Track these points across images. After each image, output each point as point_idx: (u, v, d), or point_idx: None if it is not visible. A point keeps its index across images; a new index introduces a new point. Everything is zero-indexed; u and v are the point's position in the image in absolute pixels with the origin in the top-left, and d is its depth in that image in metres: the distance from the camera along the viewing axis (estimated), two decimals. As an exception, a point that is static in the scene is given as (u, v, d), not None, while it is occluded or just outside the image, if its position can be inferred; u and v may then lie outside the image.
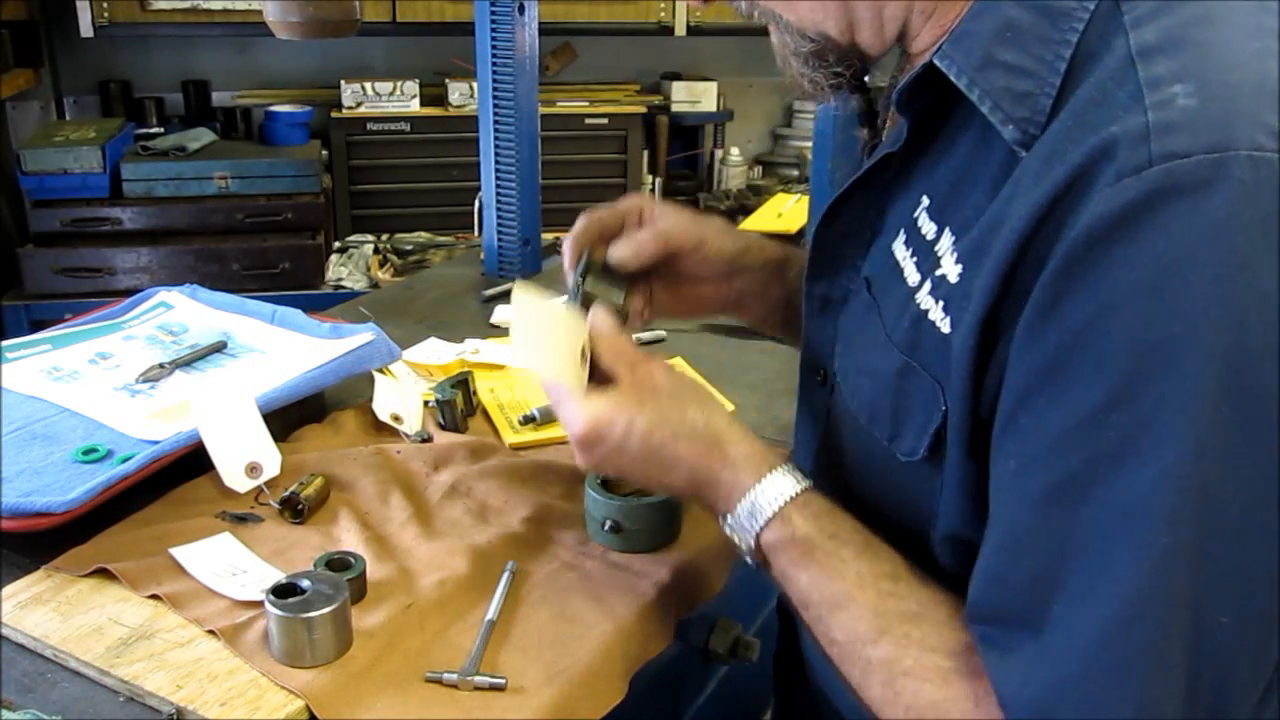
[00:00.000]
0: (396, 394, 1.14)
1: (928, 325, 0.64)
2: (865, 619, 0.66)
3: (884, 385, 0.69)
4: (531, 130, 1.61)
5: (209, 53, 2.95)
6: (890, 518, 0.72)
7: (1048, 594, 0.55)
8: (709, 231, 0.91)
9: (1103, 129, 0.53)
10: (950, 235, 0.64)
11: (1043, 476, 0.55)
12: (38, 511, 0.86)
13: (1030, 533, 0.56)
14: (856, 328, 0.75)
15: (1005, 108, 0.59)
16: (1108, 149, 0.53)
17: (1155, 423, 0.51)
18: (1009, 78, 0.59)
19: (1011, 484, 0.58)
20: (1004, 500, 0.59)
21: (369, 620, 0.80)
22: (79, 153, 2.37)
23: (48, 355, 1.16)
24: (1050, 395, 0.55)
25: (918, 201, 0.68)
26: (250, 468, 0.96)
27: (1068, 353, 0.54)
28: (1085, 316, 0.53)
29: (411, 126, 2.83)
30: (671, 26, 2.98)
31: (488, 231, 1.68)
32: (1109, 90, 0.55)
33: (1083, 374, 0.53)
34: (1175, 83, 0.53)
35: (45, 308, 2.36)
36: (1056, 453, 0.55)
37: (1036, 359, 0.55)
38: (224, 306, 1.28)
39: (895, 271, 0.69)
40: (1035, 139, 0.58)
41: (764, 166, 3.40)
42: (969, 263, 0.61)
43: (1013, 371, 0.57)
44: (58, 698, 0.73)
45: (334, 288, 2.50)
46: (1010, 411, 0.57)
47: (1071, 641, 0.54)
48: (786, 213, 2.67)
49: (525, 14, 1.54)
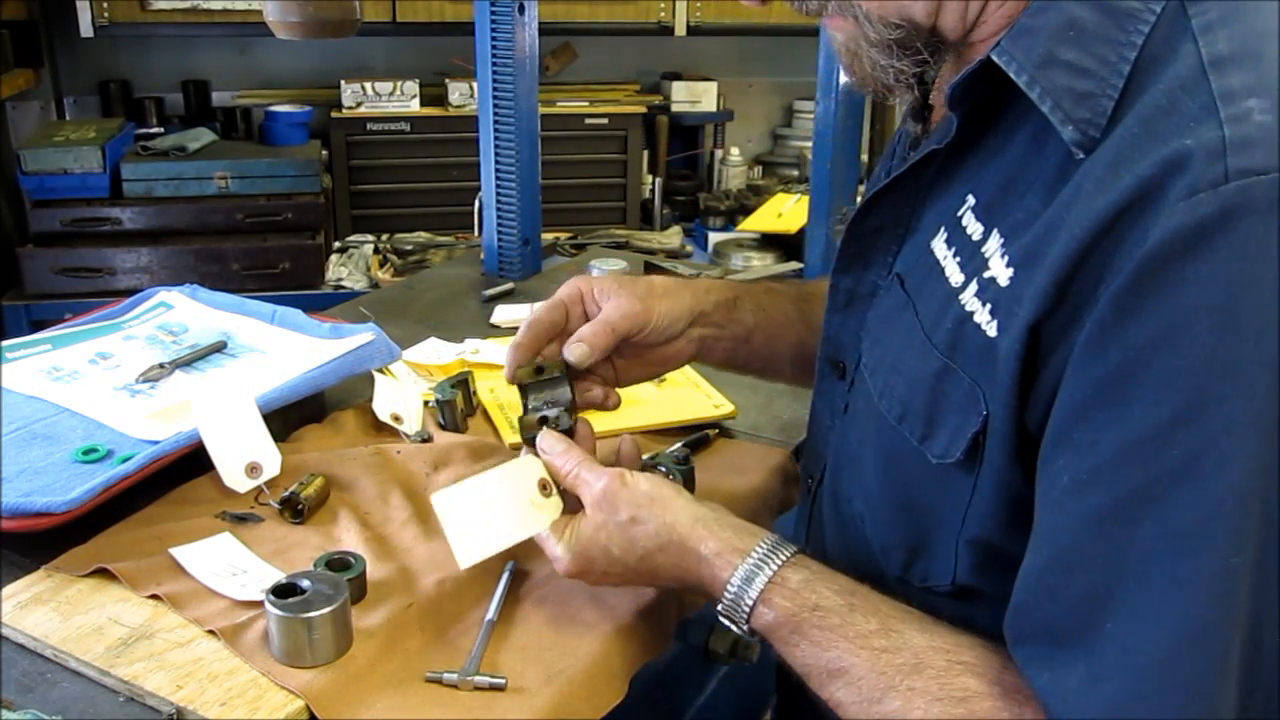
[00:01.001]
0: (396, 394, 1.14)
1: (972, 328, 0.64)
2: (866, 680, 0.65)
3: (920, 385, 0.68)
4: (531, 130, 1.61)
5: (209, 53, 2.95)
6: (910, 516, 0.71)
7: (1102, 611, 0.55)
8: (654, 304, 0.90)
9: (1174, 140, 0.53)
10: (999, 237, 0.63)
11: (1101, 493, 0.55)
12: (38, 511, 0.86)
13: (1085, 549, 0.56)
14: (886, 324, 0.74)
15: (1065, 107, 0.58)
16: (1181, 162, 0.52)
17: (1221, 442, 0.51)
18: (1070, 77, 0.59)
19: (1065, 499, 0.57)
20: (1055, 515, 0.58)
21: (369, 620, 0.80)
22: (79, 153, 2.37)
23: (48, 355, 1.16)
24: (1112, 411, 0.54)
25: (962, 200, 0.68)
26: (250, 468, 0.96)
27: (1132, 369, 0.53)
28: (1153, 333, 0.52)
29: (411, 126, 2.83)
30: (671, 26, 2.98)
31: (488, 231, 1.68)
32: (1179, 100, 0.54)
33: (1148, 391, 0.53)
34: (1250, 97, 0.52)
35: (45, 308, 2.35)
36: (1117, 469, 0.54)
37: (1098, 373, 0.54)
38: (224, 306, 1.28)
39: (935, 270, 0.69)
40: (1095, 141, 0.57)
41: (764, 166, 3.40)
42: (1021, 267, 0.60)
43: (1070, 385, 0.56)
44: (58, 698, 0.73)
45: (334, 288, 2.50)
46: (1065, 425, 0.57)
47: (1130, 659, 0.54)
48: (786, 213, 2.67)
49: (525, 14, 1.54)
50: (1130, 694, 0.54)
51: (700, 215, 2.99)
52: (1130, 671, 0.53)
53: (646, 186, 3.07)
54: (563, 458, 0.81)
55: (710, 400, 1.18)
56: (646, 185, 3.07)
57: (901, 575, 0.74)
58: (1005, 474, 0.63)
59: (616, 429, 1.13)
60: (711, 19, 3.00)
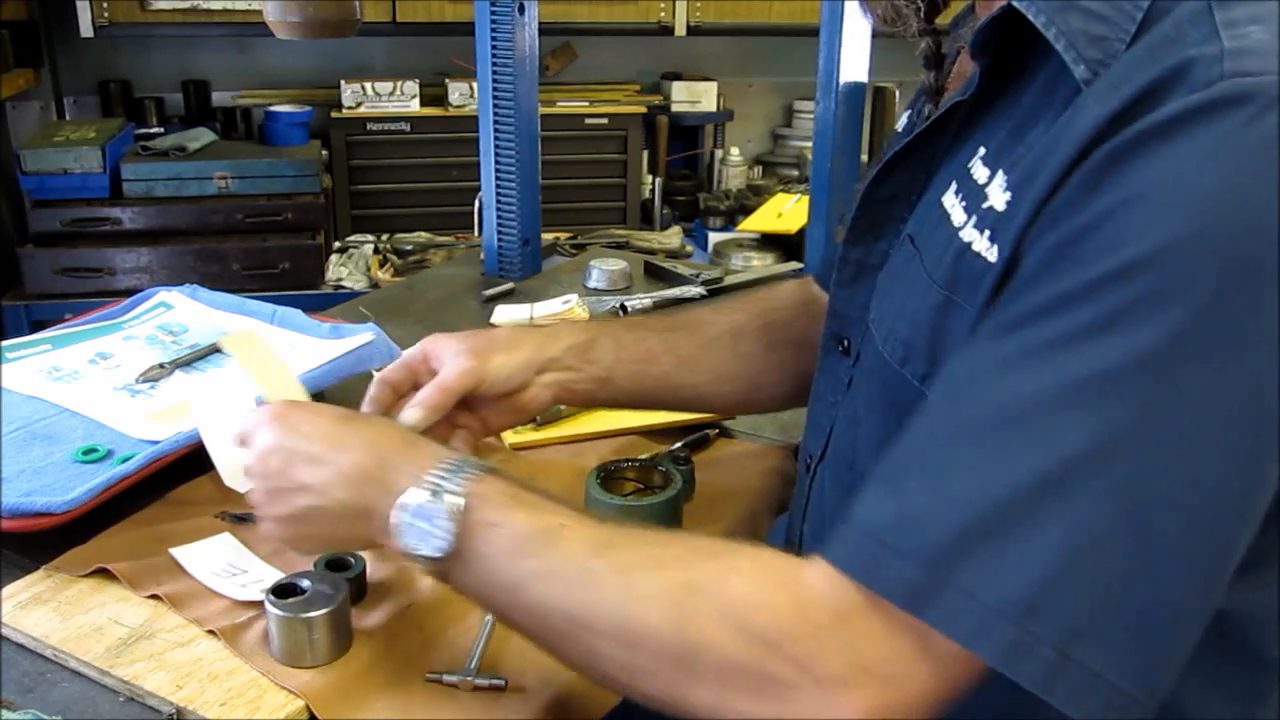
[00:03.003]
0: (396, 394, 1.14)
1: (971, 256, 0.64)
2: (587, 540, 0.64)
3: (922, 322, 0.68)
4: (531, 130, 1.61)
5: (209, 53, 2.95)
6: None
7: (962, 447, 0.54)
8: (490, 358, 0.90)
9: (1175, 53, 0.54)
10: (1003, 175, 0.64)
11: (1012, 341, 0.55)
12: (38, 511, 0.86)
13: (971, 386, 0.56)
14: (894, 279, 0.75)
15: (1079, 47, 0.60)
16: (1182, 70, 0.54)
17: (1144, 309, 0.51)
18: (1086, 21, 0.60)
19: (977, 343, 0.57)
20: (957, 356, 0.58)
21: (369, 620, 0.80)
22: (79, 153, 2.37)
23: (48, 355, 1.16)
24: (1055, 271, 0.54)
25: (974, 153, 0.68)
26: None
27: (1088, 230, 0.53)
28: (1112, 201, 0.53)
29: (411, 126, 2.83)
30: (671, 26, 2.98)
31: (488, 231, 1.68)
32: (1184, 30, 0.56)
33: (1096, 249, 0.53)
34: (1252, 24, 0.55)
35: (45, 308, 2.35)
36: (1035, 321, 0.54)
37: (1055, 238, 0.55)
38: (224, 306, 1.28)
39: (943, 219, 0.69)
40: None
41: (764, 166, 3.40)
42: (1018, 189, 0.61)
43: (1026, 256, 0.57)
44: (58, 698, 0.73)
45: (334, 288, 2.50)
46: (1012, 289, 0.57)
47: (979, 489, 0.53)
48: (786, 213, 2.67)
49: (525, 14, 1.54)
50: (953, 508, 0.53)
51: (700, 215, 2.99)
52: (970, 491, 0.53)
53: (646, 186, 3.07)
54: None
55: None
56: (646, 185, 3.07)
57: None
58: None
59: (617, 429, 1.13)
60: (711, 19, 3.00)
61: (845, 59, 1.37)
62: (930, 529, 0.54)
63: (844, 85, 1.38)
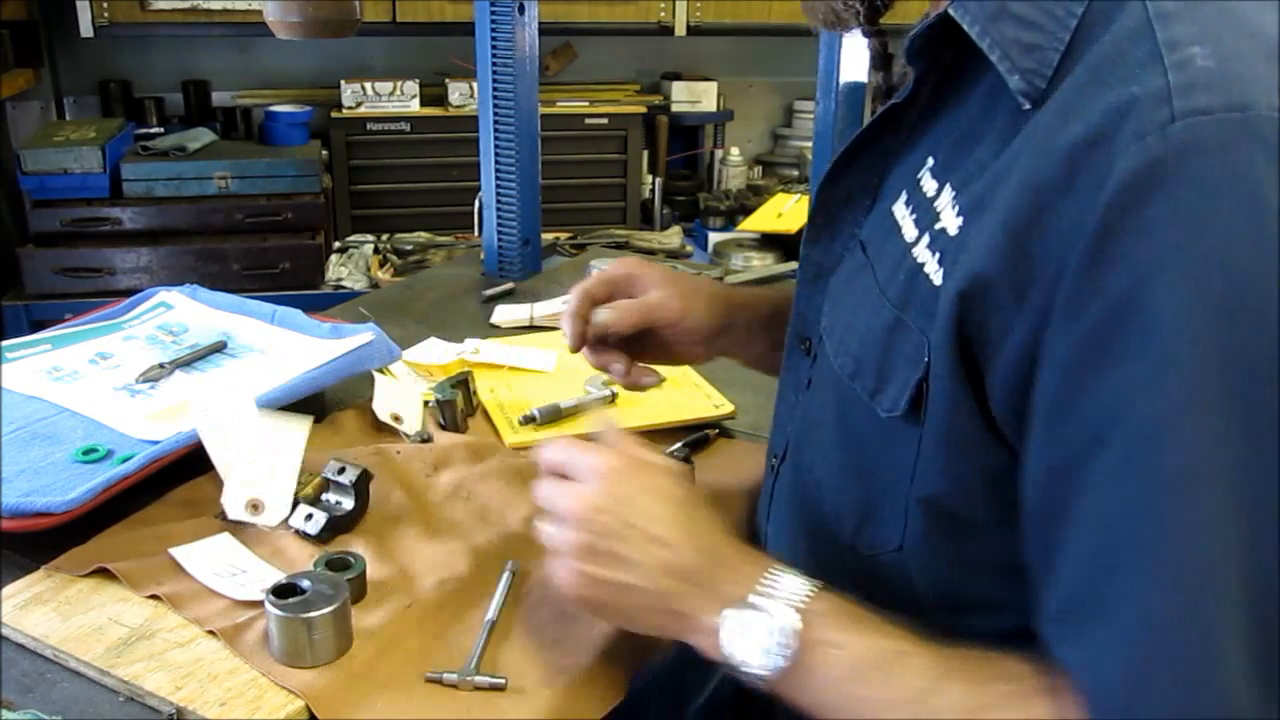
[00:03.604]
0: (396, 394, 1.14)
1: (922, 279, 0.64)
2: (927, 667, 0.62)
3: (872, 339, 0.68)
4: (531, 130, 1.61)
5: (209, 53, 2.95)
6: (861, 478, 0.71)
7: (1109, 574, 0.54)
8: (692, 307, 0.95)
9: (1120, 87, 0.53)
10: (950, 190, 0.63)
11: (1109, 452, 0.54)
12: (38, 511, 0.86)
13: (1094, 511, 0.55)
14: (845, 287, 0.75)
15: (1013, 57, 0.59)
16: (1127, 108, 0.53)
17: (1200, 386, 0.51)
18: (1019, 29, 0.60)
19: (1076, 465, 0.55)
20: (1066, 482, 0.56)
21: (369, 620, 0.80)
22: (79, 153, 2.37)
23: (48, 355, 1.16)
24: (1103, 369, 0.53)
25: (923, 162, 0.68)
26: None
27: (1115, 320, 0.52)
28: (1128, 282, 0.52)
29: (411, 126, 2.83)
30: (671, 26, 2.98)
31: (488, 231, 1.68)
32: (1125, 49, 0.55)
33: (1132, 339, 0.52)
34: (1194, 44, 0.53)
35: (45, 308, 2.35)
36: (1116, 425, 0.53)
37: (1081, 331, 0.54)
38: (224, 306, 1.28)
39: (893, 230, 0.69)
40: (1042, 92, 0.58)
41: (764, 166, 3.40)
42: (969, 215, 0.61)
43: (1057, 350, 0.55)
44: (58, 698, 0.73)
45: (334, 288, 2.50)
46: (1060, 392, 0.55)
47: (1142, 620, 0.53)
48: (786, 212, 2.68)
49: (525, 14, 1.54)
50: (1145, 652, 0.53)
51: (700, 215, 2.99)
52: (1143, 630, 0.53)
53: (646, 186, 3.07)
54: None
55: (710, 400, 1.18)
56: (646, 185, 3.07)
57: (851, 542, 0.73)
58: (948, 427, 0.62)
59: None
60: (711, 19, 3.00)
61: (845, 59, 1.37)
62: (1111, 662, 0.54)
63: (844, 85, 1.38)
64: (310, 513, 0.90)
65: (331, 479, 0.92)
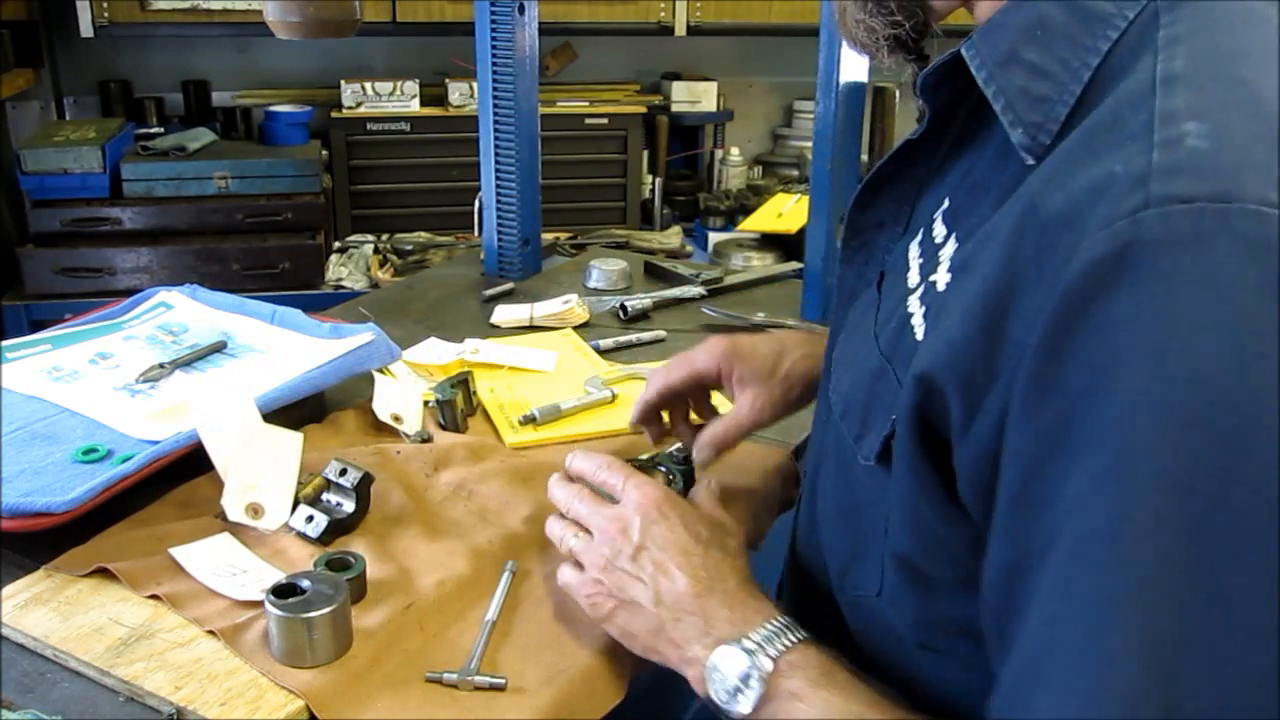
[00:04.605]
0: (396, 394, 1.14)
1: (908, 330, 0.62)
2: None
3: (860, 384, 0.67)
4: (531, 130, 1.61)
5: (209, 53, 2.95)
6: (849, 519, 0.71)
7: (1037, 687, 0.50)
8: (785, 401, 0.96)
9: (1105, 161, 0.49)
10: (955, 242, 0.61)
11: (1050, 556, 0.50)
12: (38, 511, 0.86)
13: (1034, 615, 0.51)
14: (855, 323, 0.74)
15: (1018, 109, 0.56)
16: (1104, 186, 0.48)
17: (1146, 498, 0.46)
18: (1028, 78, 0.56)
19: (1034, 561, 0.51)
20: (1024, 579, 0.52)
21: (369, 620, 0.80)
22: (79, 153, 2.37)
23: (48, 355, 1.16)
24: (1061, 465, 0.49)
25: (941, 202, 0.66)
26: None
27: (1072, 417, 0.48)
28: (1087, 378, 0.47)
29: (411, 126, 2.82)
30: (671, 26, 2.98)
31: (488, 231, 1.68)
32: (1123, 115, 0.51)
33: (1090, 439, 0.47)
34: (1190, 120, 0.48)
35: (45, 308, 2.35)
36: (1061, 530, 0.49)
37: (1043, 424, 0.50)
38: (224, 306, 1.28)
39: (903, 269, 0.67)
40: (1046, 148, 0.55)
41: (764, 166, 3.40)
42: (956, 274, 0.58)
43: (1016, 439, 0.51)
44: (58, 698, 0.73)
45: (334, 288, 2.50)
46: (1020, 484, 0.51)
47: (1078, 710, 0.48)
48: (786, 213, 2.68)
49: (525, 14, 1.54)
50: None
51: (700, 215, 2.99)
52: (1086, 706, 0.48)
53: (646, 186, 3.07)
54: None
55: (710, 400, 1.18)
56: (646, 185, 3.07)
57: (839, 582, 0.73)
58: (908, 490, 0.60)
59: (617, 430, 1.13)
60: (711, 19, 3.00)
61: (845, 59, 1.36)
62: None
63: (844, 85, 1.38)
64: (311, 514, 0.90)
65: (333, 480, 0.92)
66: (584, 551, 0.80)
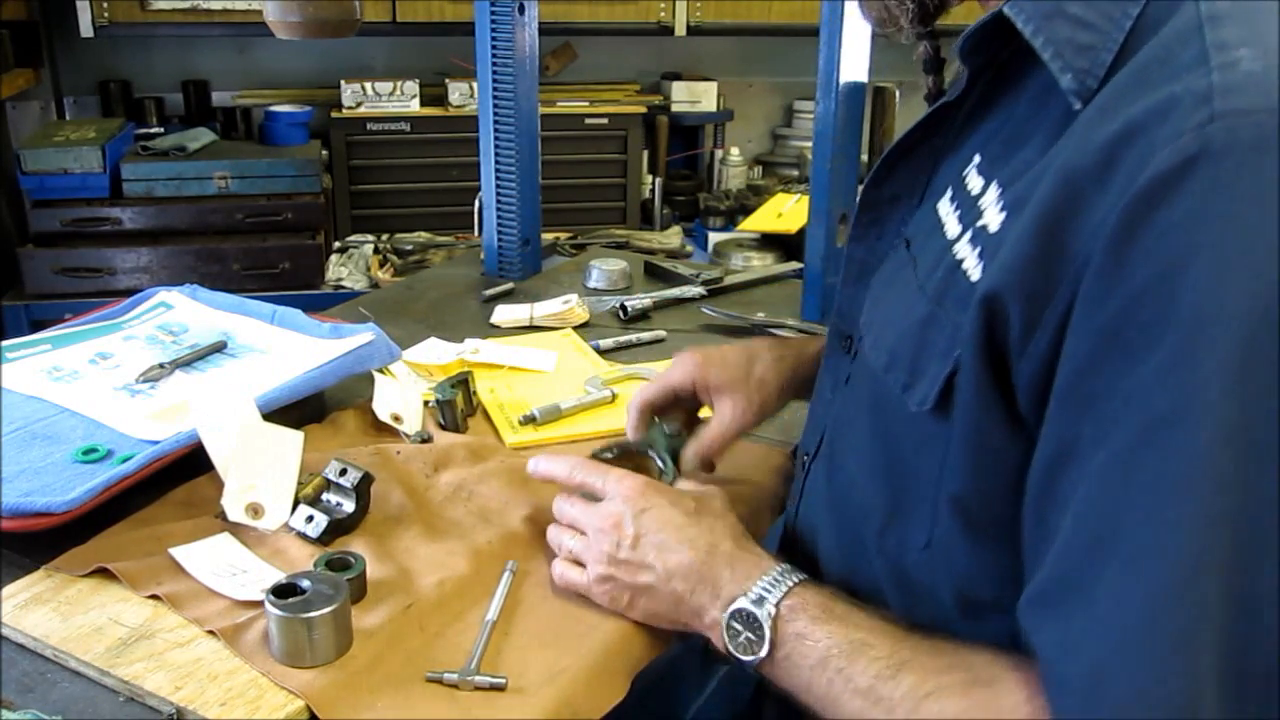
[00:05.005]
0: (396, 394, 1.14)
1: (960, 274, 0.65)
2: (886, 658, 0.68)
3: (908, 334, 0.69)
4: (531, 130, 1.61)
5: (209, 53, 2.95)
6: (891, 474, 0.72)
7: (1102, 562, 0.54)
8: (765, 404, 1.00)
9: (1164, 87, 0.54)
10: (996, 188, 0.64)
11: (1115, 440, 0.54)
12: (38, 511, 0.86)
13: (1091, 499, 0.55)
14: (886, 284, 0.76)
15: (1066, 56, 0.60)
16: (1168, 107, 0.53)
17: (1210, 387, 0.50)
18: (1073, 29, 0.60)
19: (1087, 451, 0.56)
20: (1071, 468, 0.57)
21: (369, 620, 0.80)
22: (79, 153, 2.37)
23: (48, 355, 1.16)
24: (1117, 360, 0.54)
25: (969, 160, 0.69)
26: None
27: (1131, 314, 0.53)
28: (1148, 277, 0.52)
29: (411, 126, 2.83)
30: (671, 26, 2.98)
31: (488, 231, 1.68)
32: (1173, 51, 0.55)
33: (1147, 334, 0.52)
34: (1242, 46, 0.53)
35: (45, 308, 2.35)
36: (1122, 417, 0.54)
37: (1100, 321, 0.54)
38: (224, 306, 1.28)
39: (936, 227, 0.70)
40: (1092, 91, 0.59)
41: (764, 166, 3.40)
42: (1012, 212, 0.61)
43: (1074, 338, 0.56)
44: (58, 698, 0.73)
45: (334, 288, 2.50)
46: (1074, 380, 0.56)
47: (1120, 612, 0.53)
48: (786, 213, 2.67)
49: (525, 14, 1.54)
50: (1114, 648, 0.54)
51: (700, 215, 2.99)
52: (1120, 626, 0.53)
53: (646, 186, 3.07)
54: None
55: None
56: (646, 185, 3.07)
57: (878, 541, 0.74)
58: (976, 423, 0.63)
59: (616, 430, 1.13)
60: (711, 19, 3.00)
61: (845, 59, 1.36)
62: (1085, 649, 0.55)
63: (844, 85, 1.38)
64: (311, 514, 0.90)
65: (333, 480, 0.92)
66: (584, 550, 0.84)
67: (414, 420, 1.11)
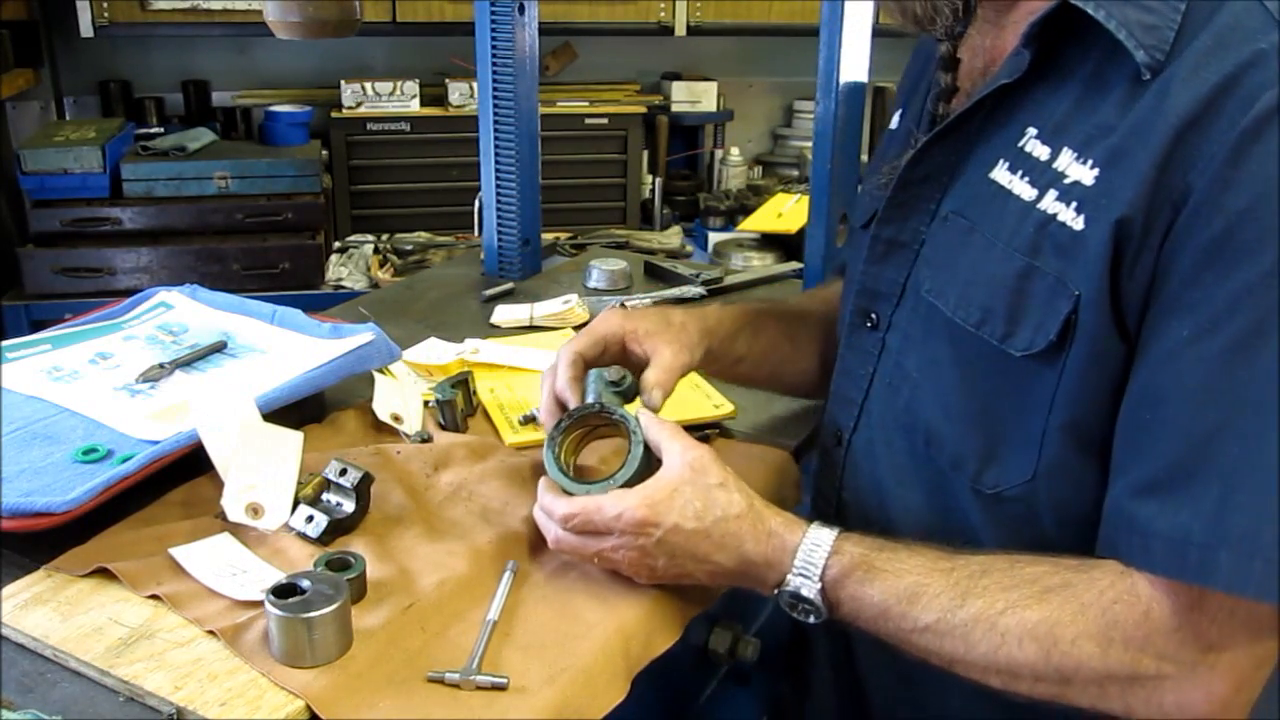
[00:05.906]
0: (396, 394, 1.14)
1: (1056, 227, 0.73)
2: (945, 593, 0.75)
3: (1001, 289, 0.76)
4: (531, 130, 1.61)
5: (209, 53, 2.95)
6: (986, 420, 0.79)
7: (1229, 440, 0.64)
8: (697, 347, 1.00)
9: (1245, 46, 0.66)
10: (1072, 151, 0.74)
11: (1220, 337, 0.64)
12: (38, 511, 0.86)
13: (1209, 388, 0.65)
14: (951, 252, 0.82)
15: (1136, 35, 0.70)
16: (1257, 59, 0.65)
17: None
18: (1138, 12, 0.71)
19: (1184, 350, 0.66)
20: (1175, 366, 0.67)
21: (369, 620, 0.80)
22: (79, 153, 2.37)
23: (48, 355, 1.16)
24: (1219, 269, 0.65)
25: (1021, 133, 0.78)
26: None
27: (1233, 230, 0.64)
28: (1249, 199, 0.64)
29: (411, 126, 2.83)
30: (671, 26, 2.98)
31: (488, 231, 1.68)
32: (1242, 20, 0.68)
33: (1251, 245, 0.63)
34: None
35: (45, 308, 2.35)
36: (1231, 315, 0.64)
37: (1202, 240, 0.65)
38: (224, 306, 1.28)
39: (999, 194, 0.78)
40: (1161, 65, 0.70)
41: (764, 166, 3.40)
42: (1108, 166, 0.71)
43: (1177, 258, 0.67)
44: (58, 698, 0.73)
45: (334, 288, 2.50)
46: (1176, 291, 0.67)
47: (1261, 473, 0.63)
48: (786, 213, 2.67)
49: (525, 14, 1.54)
50: (1265, 511, 0.63)
51: (700, 215, 2.99)
52: (1264, 481, 0.63)
53: (646, 186, 3.07)
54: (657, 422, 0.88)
55: (710, 400, 1.18)
56: (646, 185, 3.07)
57: (973, 484, 0.80)
58: (1097, 351, 0.72)
59: (617, 429, 1.13)
60: (711, 19, 3.00)
61: (845, 59, 1.36)
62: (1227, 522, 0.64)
63: (844, 85, 1.38)
64: (311, 514, 0.90)
65: (333, 480, 0.92)
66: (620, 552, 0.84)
67: (414, 420, 1.11)
